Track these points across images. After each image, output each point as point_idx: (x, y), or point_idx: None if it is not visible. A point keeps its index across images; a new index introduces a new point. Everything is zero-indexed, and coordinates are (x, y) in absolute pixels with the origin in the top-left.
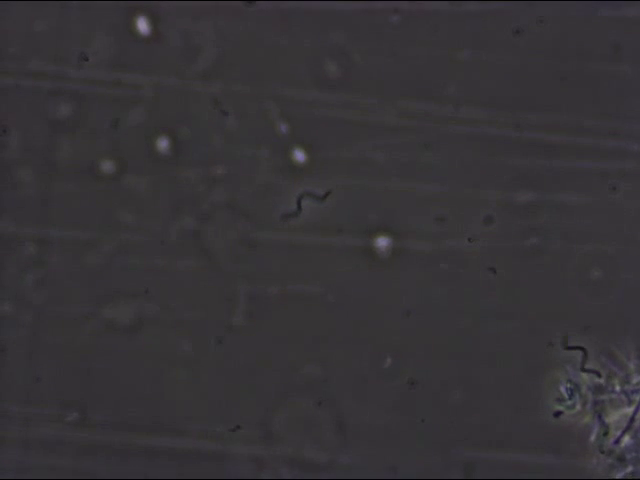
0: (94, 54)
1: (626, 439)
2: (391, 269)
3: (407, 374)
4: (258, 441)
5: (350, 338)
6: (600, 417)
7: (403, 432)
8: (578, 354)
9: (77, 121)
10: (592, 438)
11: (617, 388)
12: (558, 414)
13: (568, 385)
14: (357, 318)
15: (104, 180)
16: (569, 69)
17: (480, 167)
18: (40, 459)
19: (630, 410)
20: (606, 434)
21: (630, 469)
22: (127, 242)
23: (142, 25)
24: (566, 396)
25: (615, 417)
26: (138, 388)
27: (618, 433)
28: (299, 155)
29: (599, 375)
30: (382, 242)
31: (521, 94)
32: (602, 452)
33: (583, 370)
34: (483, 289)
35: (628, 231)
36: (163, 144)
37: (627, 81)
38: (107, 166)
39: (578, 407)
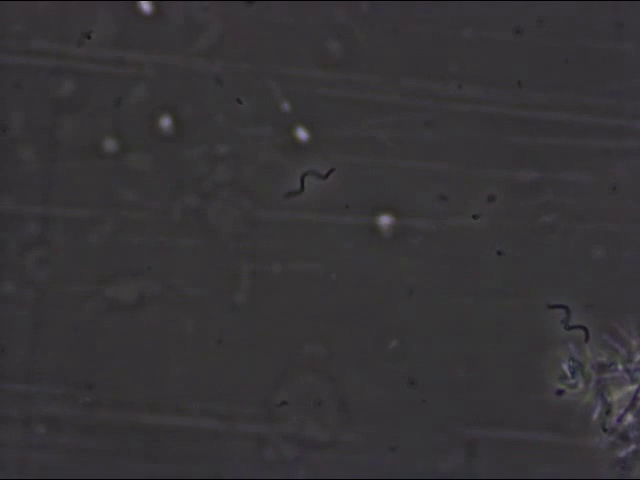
0: (96, 32)
1: (629, 417)
2: (393, 247)
3: (408, 352)
4: (260, 419)
5: (352, 316)
6: (603, 395)
7: (405, 410)
8: (581, 331)
9: (79, 99)
10: (594, 416)
11: (620, 366)
12: (560, 392)
13: (571, 363)
14: (359, 296)
15: (106, 158)
16: (572, 47)
17: (482, 145)
18: (42, 437)
19: (633, 388)
20: (609, 412)
21: (633, 447)
22: (129, 220)
23: (144, 3)
24: (569, 374)
25: (618, 395)
26: (140, 366)
27: (621, 411)
28: (301, 134)
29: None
30: (384, 220)
31: (524, 73)
32: (605, 430)
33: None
34: (485, 267)
35: (630, 209)
36: (165, 122)
37: (630, 59)
38: (109, 144)
39: (581, 385)
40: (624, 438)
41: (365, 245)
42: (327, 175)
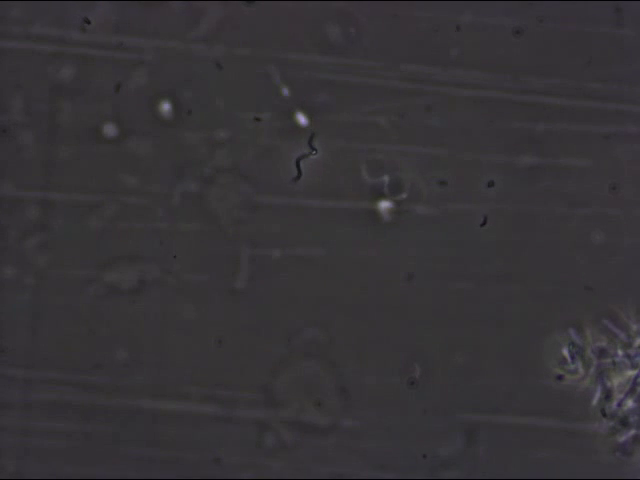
0: (96, 17)
1: (629, 402)
2: (393, 232)
3: (408, 337)
4: (260, 404)
5: (352, 301)
6: (603, 380)
7: (404, 395)
8: (582, 316)
9: (79, 84)
10: (594, 401)
11: (620, 351)
12: (560, 377)
13: (571, 348)
14: (359, 281)
15: (106, 143)
16: (572, 32)
17: (482, 131)
18: (42, 422)
19: (633, 373)
20: (608, 397)
21: (633, 432)
22: (129, 205)
23: None
24: (569, 359)
25: (618, 380)
26: (140, 351)
27: (621, 396)
28: (301, 118)
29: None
30: (384, 205)
31: (523, 57)
32: (604, 415)
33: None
34: (485, 252)
35: (629, 195)
36: (165, 108)
37: (629, 44)
38: (109, 129)
39: (581, 370)
40: (624, 423)
41: (364, 230)
42: (310, 140)
